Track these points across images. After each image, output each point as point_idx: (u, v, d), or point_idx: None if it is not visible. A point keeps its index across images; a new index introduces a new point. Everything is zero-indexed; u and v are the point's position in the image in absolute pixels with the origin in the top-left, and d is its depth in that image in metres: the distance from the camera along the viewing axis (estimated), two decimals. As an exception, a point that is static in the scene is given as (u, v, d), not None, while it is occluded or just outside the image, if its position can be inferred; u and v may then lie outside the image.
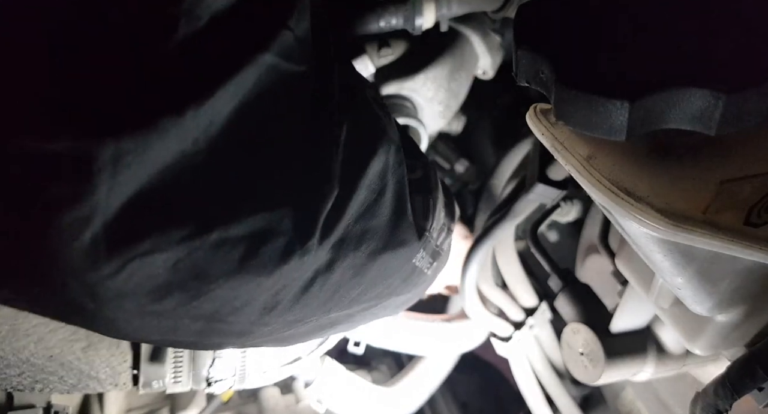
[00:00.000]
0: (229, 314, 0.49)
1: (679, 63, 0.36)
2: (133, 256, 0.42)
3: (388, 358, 1.35)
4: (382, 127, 0.58)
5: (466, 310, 0.98)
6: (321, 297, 0.54)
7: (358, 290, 0.58)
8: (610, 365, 0.72)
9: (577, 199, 0.99)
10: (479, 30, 1.03)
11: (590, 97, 0.36)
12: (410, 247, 0.60)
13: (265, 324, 0.53)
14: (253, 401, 1.18)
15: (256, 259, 0.47)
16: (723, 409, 0.54)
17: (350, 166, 0.53)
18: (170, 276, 0.44)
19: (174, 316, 0.47)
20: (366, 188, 0.54)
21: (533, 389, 1.05)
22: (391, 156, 0.57)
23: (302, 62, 0.49)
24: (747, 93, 0.34)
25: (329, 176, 0.51)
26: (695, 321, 0.58)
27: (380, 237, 0.56)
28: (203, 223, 0.44)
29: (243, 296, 0.48)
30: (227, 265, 0.46)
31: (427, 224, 0.63)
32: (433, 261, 0.67)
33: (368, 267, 0.56)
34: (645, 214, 0.41)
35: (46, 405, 0.73)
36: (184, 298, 0.46)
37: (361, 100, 0.59)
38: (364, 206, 0.54)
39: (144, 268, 0.42)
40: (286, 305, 0.52)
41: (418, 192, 0.62)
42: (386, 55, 0.98)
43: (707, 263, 0.48)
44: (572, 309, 0.80)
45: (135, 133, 0.40)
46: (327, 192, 0.50)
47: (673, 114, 0.36)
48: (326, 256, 0.52)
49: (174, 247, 0.43)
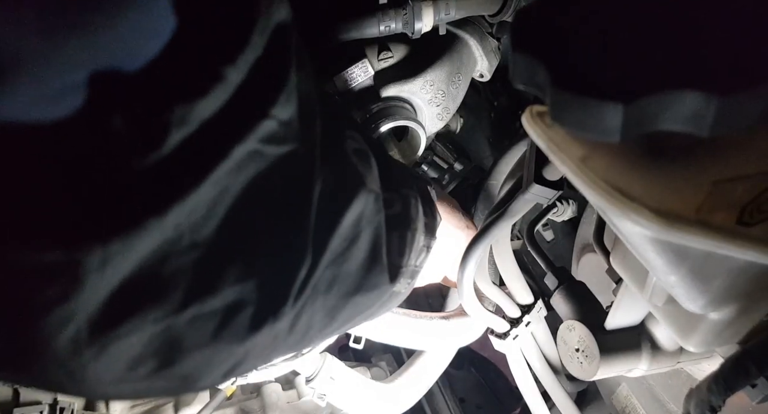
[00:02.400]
0: (201, 375, 0.51)
1: (672, 65, 0.36)
2: (112, 338, 0.43)
3: (388, 355, 1.36)
4: (360, 179, 0.59)
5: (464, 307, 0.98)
6: (290, 341, 0.55)
7: (332, 327, 0.59)
8: (605, 361, 0.72)
9: (572, 199, 1.00)
10: (477, 34, 1.04)
11: (584, 100, 0.37)
12: (384, 288, 0.61)
13: (234, 376, 0.55)
14: (255, 396, 1.18)
15: (229, 329, 0.48)
16: (716, 405, 0.54)
17: (323, 221, 0.54)
18: (145, 349, 0.46)
19: (148, 381, 0.49)
20: (338, 237, 0.55)
21: (530, 385, 1.05)
22: (369, 206, 0.58)
23: (286, 142, 0.50)
24: (740, 95, 0.34)
25: (304, 245, 0.52)
26: (689, 318, 0.59)
27: (353, 281, 0.57)
28: (179, 301, 0.45)
29: (215, 361, 0.50)
30: (201, 336, 0.48)
31: (403, 261, 0.65)
32: (412, 280, 0.69)
33: (340, 308, 0.57)
34: (639, 214, 0.42)
35: (52, 401, 0.73)
36: (158, 365, 0.47)
37: (339, 155, 0.59)
38: (335, 255, 0.55)
39: (121, 347, 0.44)
40: (257, 357, 0.54)
41: (395, 228, 0.63)
42: (386, 59, 0.99)
43: (700, 262, 0.49)
44: (568, 306, 0.81)
45: (120, 236, 0.41)
46: (302, 260, 0.52)
47: (666, 116, 0.36)
48: (294, 312, 0.53)
49: (149, 327, 0.45)
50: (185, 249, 0.45)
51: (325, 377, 1.01)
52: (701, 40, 0.37)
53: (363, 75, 0.95)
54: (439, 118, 1.08)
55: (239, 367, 0.53)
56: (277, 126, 0.49)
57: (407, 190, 0.70)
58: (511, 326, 1.02)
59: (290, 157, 0.51)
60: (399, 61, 1.00)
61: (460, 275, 0.94)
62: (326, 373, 1.01)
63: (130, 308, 0.44)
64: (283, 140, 0.50)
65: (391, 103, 0.99)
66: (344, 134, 0.65)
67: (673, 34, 0.38)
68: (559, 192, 0.89)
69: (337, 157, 0.59)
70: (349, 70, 0.94)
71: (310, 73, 0.55)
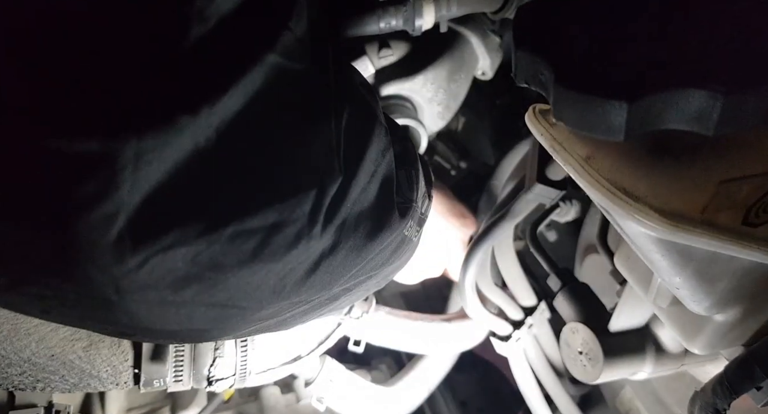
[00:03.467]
0: (242, 300, 0.51)
1: (677, 63, 0.36)
2: (156, 250, 0.44)
3: (388, 358, 1.35)
4: (374, 112, 0.61)
5: (466, 309, 0.98)
6: (325, 278, 0.56)
7: (357, 269, 0.60)
8: (609, 364, 0.72)
9: (575, 199, 0.99)
10: (478, 31, 1.03)
11: (589, 98, 0.36)
12: (401, 222, 0.62)
13: (273, 306, 0.55)
14: (253, 400, 1.18)
15: (269, 247, 0.49)
16: (721, 408, 0.54)
17: (350, 153, 0.55)
18: (189, 268, 0.46)
19: (191, 305, 0.49)
20: (365, 173, 0.56)
21: (532, 388, 1.05)
22: (383, 140, 0.60)
23: (303, 60, 0.51)
24: (745, 94, 0.34)
25: (333, 165, 0.53)
26: (693, 320, 0.59)
27: (375, 217, 0.58)
28: (220, 217, 0.46)
29: (254, 282, 0.50)
30: (242, 255, 0.48)
31: (413, 195, 0.66)
32: (420, 228, 0.70)
33: (368, 247, 0.58)
34: (643, 214, 0.41)
35: (47, 404, 0.73)
36: (202, 288, 0.48)
37: (354, 88, 0.61)
38: (361, 188, 0.56)
39: (166, 261, 0.45)
40: (293, 287, 0.54)
41: (401, 166, 0.64)
42: (386, 56, 0.98)
43: (705, 263, 0.48)
44: (571, 308, 0.81)
45: (155, 131, 0.42)
46: (331, 180, 0.52)
47: (671, 114, 0.36)
48: (330, 240, 0.54)
49: (193, 241, 0.45)
50: (217, 163, 0.45)
51: (325, 380, 1.01)
52: (706, 38, 0.37)
53: (363, 73, 0.95)
54: (440, 116, 1.08)
55: (280, 293, 0.53)
56: (295, 41, 0.50)
57: (401, 133, 0.71)
58: (514, 328, 1.02)
59: (306, 76, 0.51)
60: (399, 58, 1.00)
61: (461, 277, 0.93)
62: (326, 376, 1.01)
63: (171, 218, 0.44)
64: (300, 57, 0.50)
65: (392, 102, 0.99)
66: (351, 68, 0.67)
67: (678, 32, 0.38)
68: (562, 192, 0.89)
69: (352, 88, 0.61)
70: (349, 68, 0.94)
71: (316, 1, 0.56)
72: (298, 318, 0.64)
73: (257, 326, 0.61)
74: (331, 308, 0.68)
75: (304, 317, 0.65)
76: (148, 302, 0.47)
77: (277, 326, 0.65)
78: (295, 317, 0.63)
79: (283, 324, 0.65)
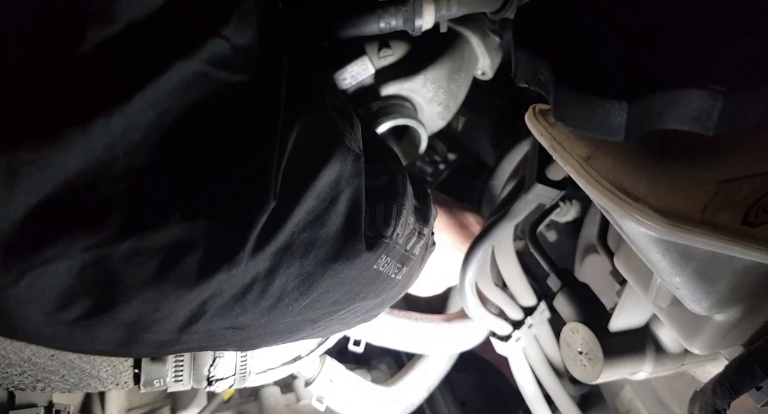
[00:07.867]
0: (152, 324, 0.49)
1: (677, 64, 0.36)
2: (32, 265, 0.41)
3: (388, 358, 1.35)
4: (338, 135, 0.57)
5: (466, 309, 0.98)
6: (261, 304, 0.53)
7: (309, 298, 0.56)
8: (609, 364, 0.72)
9: (575, 199, 0.99)
10: (478, 31, 1.03)
11: (589, 98, 0.36)
12: (365, 256, 0.58)
13: (193, 332, 0.52)
14: (253, 400, 1.18)
15: (175, 271, 0.46)
16: (721, 408, 0.54)
17: (297, 175, 0.52)
18: (75, 283, 0.43)
19: (87, 325, 0.46)
20: (315, 197, 0.53)
21: (532, 388, 1.05)
22: (348, 165, 0.56)
23: (242, 71, 0.48)
24: (745, 94, 0.34)
25: (266, 187, 0.49)
26: (693, 320, 0.59)
27: (331, 246, 0.55)
28: (114, 232, 0.43)
29: (164, 307, 0.47)
30: (143, 275, 0.45)
31: (388, 231, 0.61)
32: (403, 266, 0.66)
33: (318, 275, 0.55)
34: (643, 214, 0.41)
35: (47, 404, 0.73)
36: (96, 305, 0.45)
37: (318, 109, 0.57)
38: (312, 215, 0.53)
39: (45, 276, 0.42)
40: (216, 313, 0.51)
41: (380, 198, 0.61)
42: (386, 57, 0.98)
43: (705, 263, 0.48)
44: (571, 308, 0.80)
45: (34, 144, 0.39)
46: (261, 202, 0.49)
47: (671, 114, 0.36)
48: (266, 264, 0.51)
49: (78, 255, 0.42)
50: (121, 174, 0.42)
51: (325, 379, 1.01)
52: (706, 38, 0.37)
53: (363, 73, 0.95)
54: (440, 116, 1.08)
55: (196, 321, 0.50)
56: (231, 50, 0.47)
57: (394, 165, 0.67)
58: (514, 328, 1.02)
59: (248, 88, 0.48)
60: (399, 58, 1.00)
61: (461, 277, 0.93)
62: (326, 376, 1.01)
63: (55, 232, 0.41)
64: (239, 68, 0.47)
65: (392, 102, 0.99)
66: (323, 88, 0.62)
67: (678, 32, 0.37)
68: (562, 192, 0.89)
69: (314, 107, 0.57)
70: (349, 67, 0.94)
71: (276, 9, 0.52)
72: (256, 342, 0.61)
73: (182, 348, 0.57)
74: (302, 337, 0.64)
75: (265, 342, 0.62)
76: (32, 319, 0.44)
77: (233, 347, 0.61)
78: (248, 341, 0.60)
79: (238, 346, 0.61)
